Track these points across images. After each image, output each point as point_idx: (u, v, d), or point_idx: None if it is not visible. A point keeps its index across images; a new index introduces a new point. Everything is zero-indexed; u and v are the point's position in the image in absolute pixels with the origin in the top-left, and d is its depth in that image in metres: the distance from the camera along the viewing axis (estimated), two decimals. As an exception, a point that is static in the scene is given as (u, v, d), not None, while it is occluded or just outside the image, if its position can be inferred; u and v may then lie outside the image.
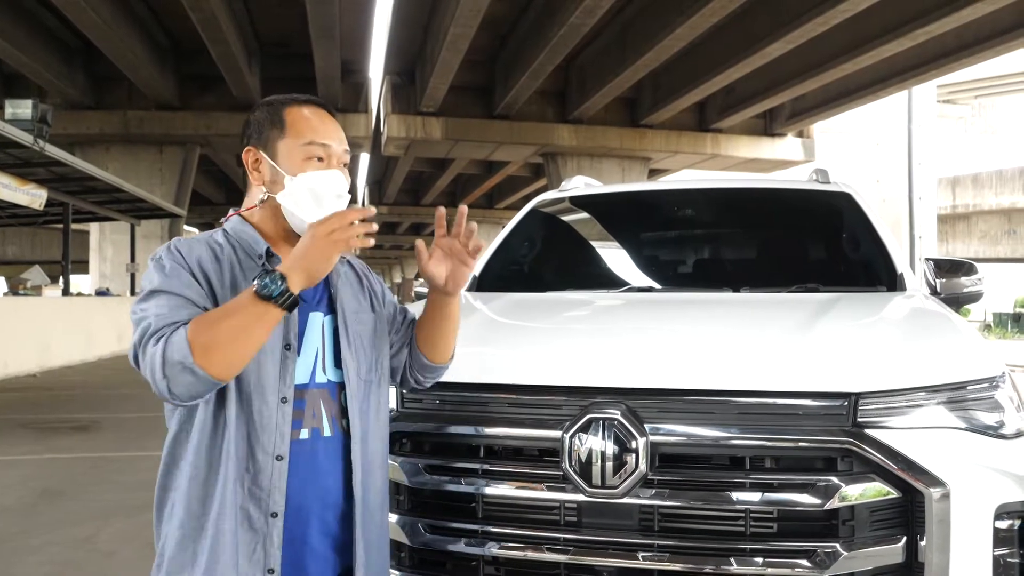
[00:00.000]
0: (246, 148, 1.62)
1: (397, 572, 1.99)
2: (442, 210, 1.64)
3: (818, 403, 1.86)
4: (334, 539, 1.58)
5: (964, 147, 46.98)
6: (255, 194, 1.61)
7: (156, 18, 17.32)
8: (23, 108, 11.17)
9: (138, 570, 3.87)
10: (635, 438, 1.83)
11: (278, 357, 1.52)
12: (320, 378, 1.59)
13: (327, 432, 1.58)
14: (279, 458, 1.50)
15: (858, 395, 1.85)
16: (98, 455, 6.50)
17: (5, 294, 16.76)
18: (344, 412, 1.60)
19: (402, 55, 19.91)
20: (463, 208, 1.62)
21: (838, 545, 1.78)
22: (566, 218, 3.92)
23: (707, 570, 1.80)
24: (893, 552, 1.80)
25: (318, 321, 1.61)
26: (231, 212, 1.66)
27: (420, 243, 1.70)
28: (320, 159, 1.58)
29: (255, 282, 1.38)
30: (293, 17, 15.93)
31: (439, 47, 15.81)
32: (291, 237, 1.59)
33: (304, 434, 1.55)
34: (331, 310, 1.64)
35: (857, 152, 23.21)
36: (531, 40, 16.38)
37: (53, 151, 11.64)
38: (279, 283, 1.38)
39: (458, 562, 1.97)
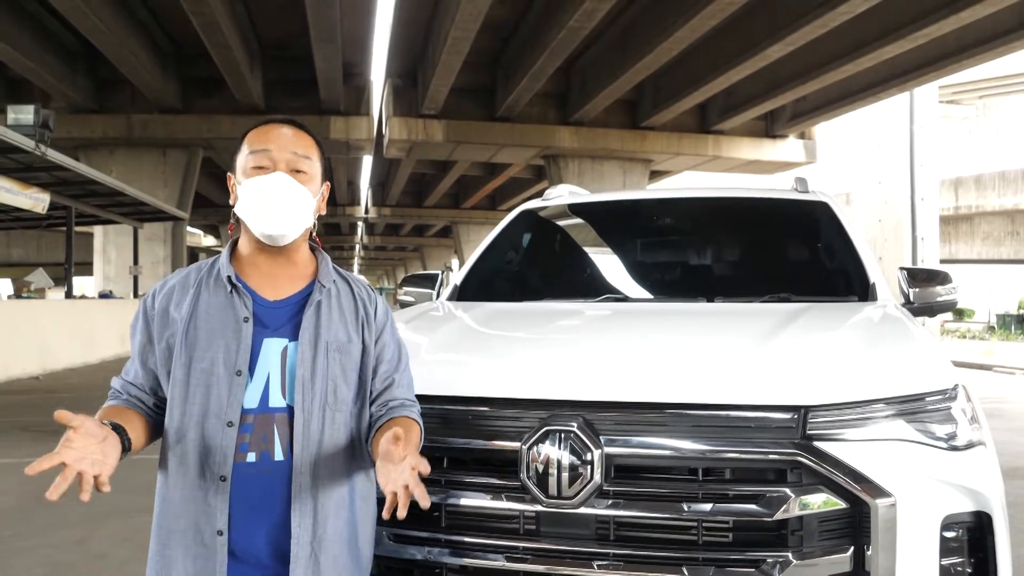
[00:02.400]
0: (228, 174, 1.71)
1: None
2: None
3: (769, 416, 1.90)
4: (287, 558, 1.58)
5: (968, 148, 46.83)
6: None
7: (157, 22, 17.38)
8: (25, 113, 11.28)
9: (130, 572, 3.94)
10: (590, 450, 1.88)
11: (228, 382, 1.57)
12: (277, 403, 1.61)
13: (278, 456, 1.59)
14: (222, 479, 1.55)
15: (808, 408, 1.89)
16: (95, 458, 6.55)
17: (10, 297, 16.82)
18: None
19: (403, 58, 19.96)
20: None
21: (788, 554, 1.82)
22: (547, 228, 3.97)
23: (660, 578, 1.84)
24: (841, 561, 1.84)
25: (277, 347, 1.63)
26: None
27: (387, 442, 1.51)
28: (261, 167, 1.62)
29: None
30: (294, 20, 15.98)
31: (440, 50, 15.85)
32: (264, 247, 1.65)
33: (251, 457, 1.58)
34: (298, 336, 1.64)
35: (859, 153, 23.11)
36: (531, 43, 16.41)
37: (54, 156, 11.72)
38: None
39: (422, 570, 2.01)
